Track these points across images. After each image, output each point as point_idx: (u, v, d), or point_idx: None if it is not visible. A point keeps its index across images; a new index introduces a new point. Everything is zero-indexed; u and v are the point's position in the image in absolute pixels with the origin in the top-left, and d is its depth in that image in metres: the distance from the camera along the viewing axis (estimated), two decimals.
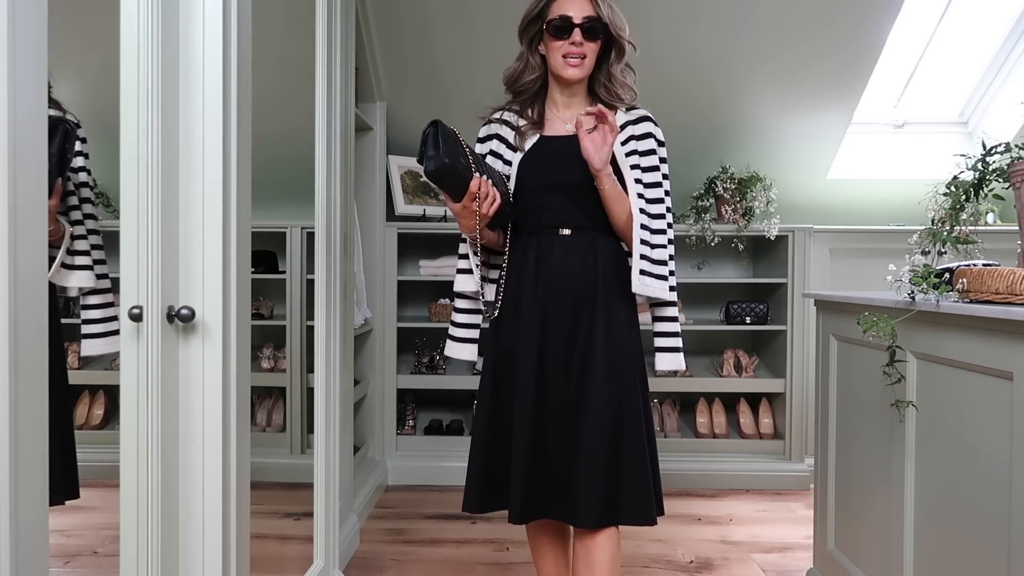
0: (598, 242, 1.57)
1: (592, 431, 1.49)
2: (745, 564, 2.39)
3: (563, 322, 1.54)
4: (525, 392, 1.54)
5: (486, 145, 1.65)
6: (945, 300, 1.42)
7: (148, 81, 1.23)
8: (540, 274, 1.56)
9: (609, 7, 1.53)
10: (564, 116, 1.60)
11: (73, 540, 2.00)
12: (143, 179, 1.24)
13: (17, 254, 0.91)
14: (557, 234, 1.56)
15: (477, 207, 1.44)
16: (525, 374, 1.54)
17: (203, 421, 1.35)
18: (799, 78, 3.09)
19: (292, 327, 2.95)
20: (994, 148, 1.47)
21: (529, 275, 1.56)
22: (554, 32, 1.52)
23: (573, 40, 1.51)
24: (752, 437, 3.30)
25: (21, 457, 0.93)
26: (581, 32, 1.51)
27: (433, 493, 3.09)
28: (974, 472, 1.37)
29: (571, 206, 1.56)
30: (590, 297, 1.54)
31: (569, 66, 1.53)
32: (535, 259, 1.56)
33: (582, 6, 1.52)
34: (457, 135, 1.44)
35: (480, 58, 3.04)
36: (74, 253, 1.68)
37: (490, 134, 1.66)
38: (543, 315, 1.55)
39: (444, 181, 1.42)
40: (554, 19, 1.52)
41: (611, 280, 1.57)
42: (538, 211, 1.58)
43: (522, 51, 1.63)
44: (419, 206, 3.33)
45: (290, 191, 2.65)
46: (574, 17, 1.51)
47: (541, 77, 1.61)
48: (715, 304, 3.52)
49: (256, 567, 1.56)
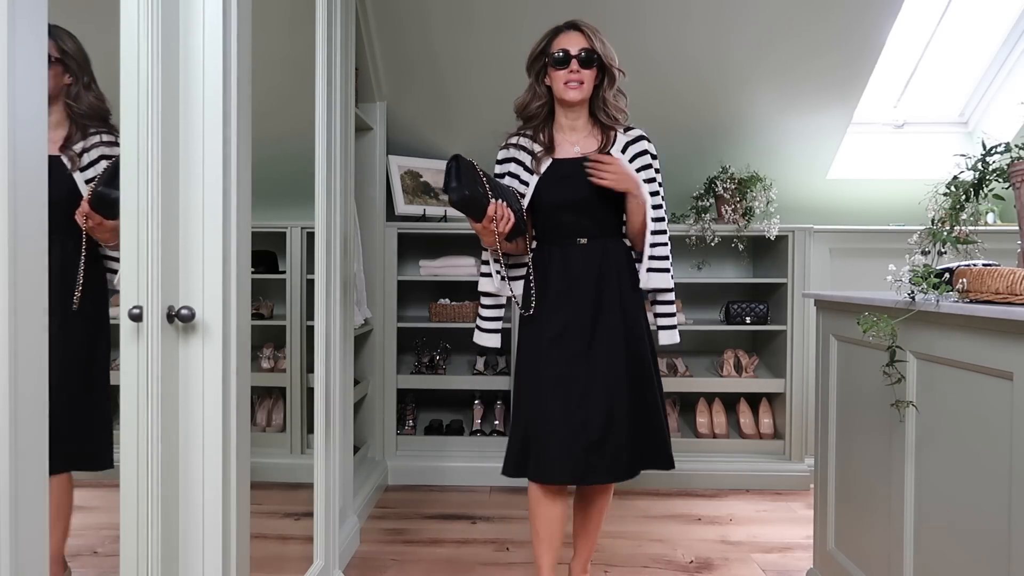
0: (607, 247, 1.87)
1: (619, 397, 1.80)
2: (745, 564, 2.39)
3: (587, 313, 1.83)
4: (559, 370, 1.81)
5: (505, 166, 1.92)
6: (945, 300, 1.42)
7: (148, 81, 1.23)
8: (565, 277, 1.85)
9: (601, 41, 1.81)
10: (571, 139, 1.89)
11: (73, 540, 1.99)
12: (143, 179, 1.24)
13: (17, 253, 0.91)
14: (575, 243, 1.86)
15: (495, 227, 1.70)
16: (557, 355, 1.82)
17: (203, 421, 1.35)
18: (799, 78, 3.09)
19: (292, 327, 2.95)
20: (994, 148, 1.47)
21: (555, 277, 1.85)
22: (556, 63, 1.81)
23: (572, 69, 1.79)
24: (752, 437, 3.30)
25: (22, 457, 0.93)
26: (578, 62, 1.79)
27: (433, 493, 3.10)
28: (974, 472, 1.37)
29: (584, 219, 1.85)
30: (607, 292, 1.84)
31: (570, 90, 1.81)
32: (560, 265, 1.86)
33: (578, 41, 1.80)
34: (474, 166, 1.71)
35: (480, 58, 3.04)
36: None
37: (508, 157, 1.92)
38: (571, 308, 1.83)
39: (465, 208, 1.68)
40: (556, 53, 1.81)
41: (624, 276, 1.87)
42: (557, 225, 1.88)
43: (530, 83, 1.91)
44: (419, 206, 3.33)
45: (290, 191, 2.65)
46: (571, 50, 1.79)
47: (547, 104, 1.89)
48: (715, 304, 3.52)
49: (256, 567, 1.56)
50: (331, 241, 2.12)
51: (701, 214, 3.24)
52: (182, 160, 1.32)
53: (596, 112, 1.89)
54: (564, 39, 1.82)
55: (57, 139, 1.68)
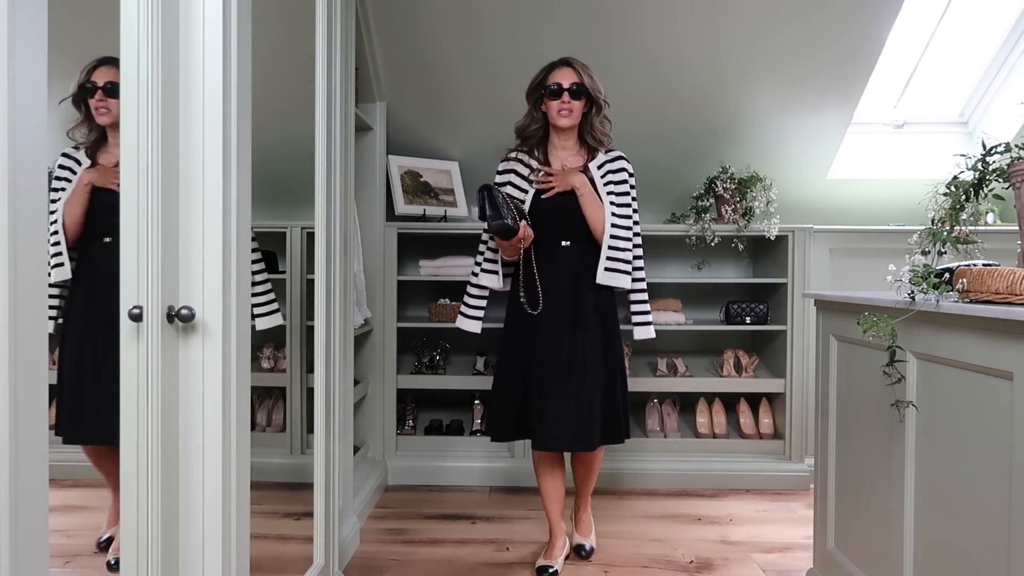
0: (586, 249, 2.22)
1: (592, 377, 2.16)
2: (745, 564, 2.39)
3: (567, 303, 2.19)
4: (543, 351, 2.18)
5: (506, 176, 2.28)
6: (945, 300, 1.42)
7: (148, 81, 1.23)
8: (550, 273, 2.21)
9: (590, 76, 2.16)
10: (561, 157, 2.26)
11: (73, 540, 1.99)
12: (143, 179, 1.24)
13: (17, 253, 0.91)
14: (560, 245, 2.22)
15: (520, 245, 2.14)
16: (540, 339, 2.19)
17: (203, 421, 1.35)
18: (799, 78, 3.09)
19: (292, 327, 2.95)
20: (994, 148, 1.47)
21: (543, 273, 2.21)
22: (550, 95, 2.17)
23: (563, 100, 2.15)
24: (752, 437, 3.30)
25: (22, 456, 0.93)
26: (569, 94, 2.15)
27: (433, 493, 3.10)
28: (974, 472, 1.37)
29: (567, 225, 2.21)
30: (584, 287, 2.20)
31: (562, 117, 2.17)
32: (547, 263, 2.22)
33: (570, 76, 2.16)
34: (502, 194, 2.11)
35: (480, 58, 3.04)
36: None
37: (508, 168, 2.28)
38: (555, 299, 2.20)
39: (499, 233, 2.09)
40: (551, 85, 2.17)
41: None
42: (546, 229, 2.22)
43: (529, 109, 2.26)
44: (419, 206, 3.33)
45: (290, 191, 2.65)
46: (564, 83, 2.15)
47: (543, 127, 2.26)
48: (715, 304, 3.52)
49: (256, 567, 1.56)
50: (331, 241, 2.11)
51: (701, 214, 3.24)
52: (182, 160, 1.32)
53: (584, 135, 2.25)
54: (558, 74, 2.17)
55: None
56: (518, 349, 2.24)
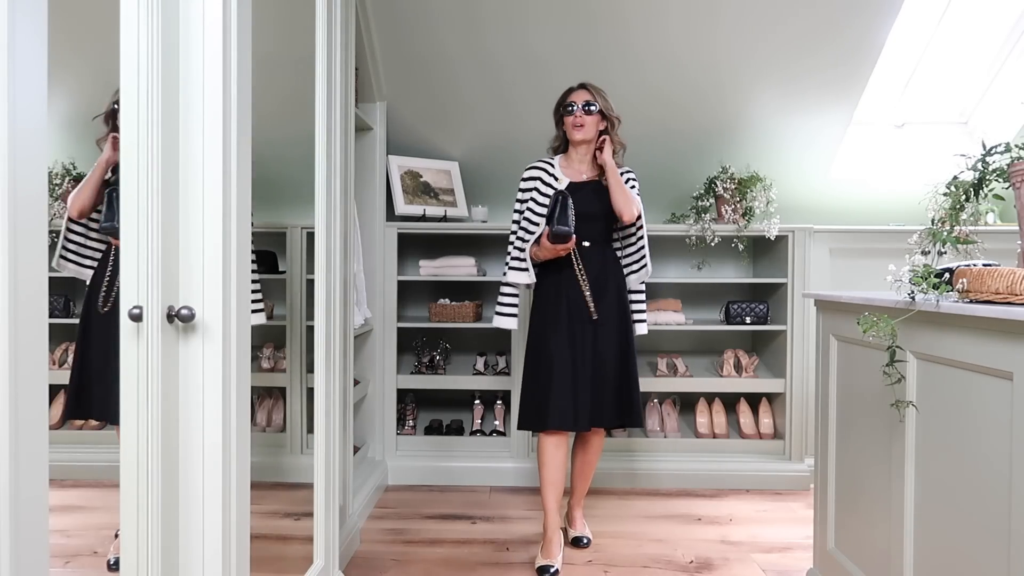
0: (605, 250, 2.46)
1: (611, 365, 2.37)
2: (745, 564, 2.39)
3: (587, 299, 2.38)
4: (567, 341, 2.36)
5: (531, 183, 2.47)
6: (945, 300, 1.42)
7: (148, 81, 1.23)
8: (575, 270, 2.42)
9: (603, 97, 2.43)
10: (580, 168, 2.49)
11: (73, 540, 1.99)
12: (143, 179, 1.24)
13: (17, 253, 0.91)
14: (582, 246, 2.40)
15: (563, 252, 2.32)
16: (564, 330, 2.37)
17: (203, 421, 1.34)
18: (799, 77, 3.09)
19: (292, 327, 2.95)
20: (994, 148, 1.47)
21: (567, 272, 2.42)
22: (566, 112, 2.45)
23: (576, 115, 2.41)
24: (752, 437, 3.30)
25: (22, 456, 0.93)
26: (582, 111, 2.41)
27: (433, 493, 3.10)
28: (974, 472, 1.37)
29: (588, 228, 2.40)
30: (604, 284, 2.42)
31: (576, 130, 2.42)
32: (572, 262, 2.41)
33: (584, 96, 2.43)
34: (572, 206, 2.28)
35: (480, 58, 3.04)
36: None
37: (534, 176, 2.48)
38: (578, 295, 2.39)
39: (559, 238, 2.25)
40: (567, 104, 2.45)
41: (615, 273, 2.46)
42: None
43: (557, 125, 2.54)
44: (419, 206, 3.33)
45: (290, 191, 2.65)
46: (578, 103, 2.42)
47: (565, 142, 2.52)
48: (715, 304, 3.52)
49: (256, 567, 1.56)
50: (331, 241, 2.11)
51: (701, 214, 3.24)
52: (182, 160, 1.32)
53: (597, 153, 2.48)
54: (574, 95, 2.44)
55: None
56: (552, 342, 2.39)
